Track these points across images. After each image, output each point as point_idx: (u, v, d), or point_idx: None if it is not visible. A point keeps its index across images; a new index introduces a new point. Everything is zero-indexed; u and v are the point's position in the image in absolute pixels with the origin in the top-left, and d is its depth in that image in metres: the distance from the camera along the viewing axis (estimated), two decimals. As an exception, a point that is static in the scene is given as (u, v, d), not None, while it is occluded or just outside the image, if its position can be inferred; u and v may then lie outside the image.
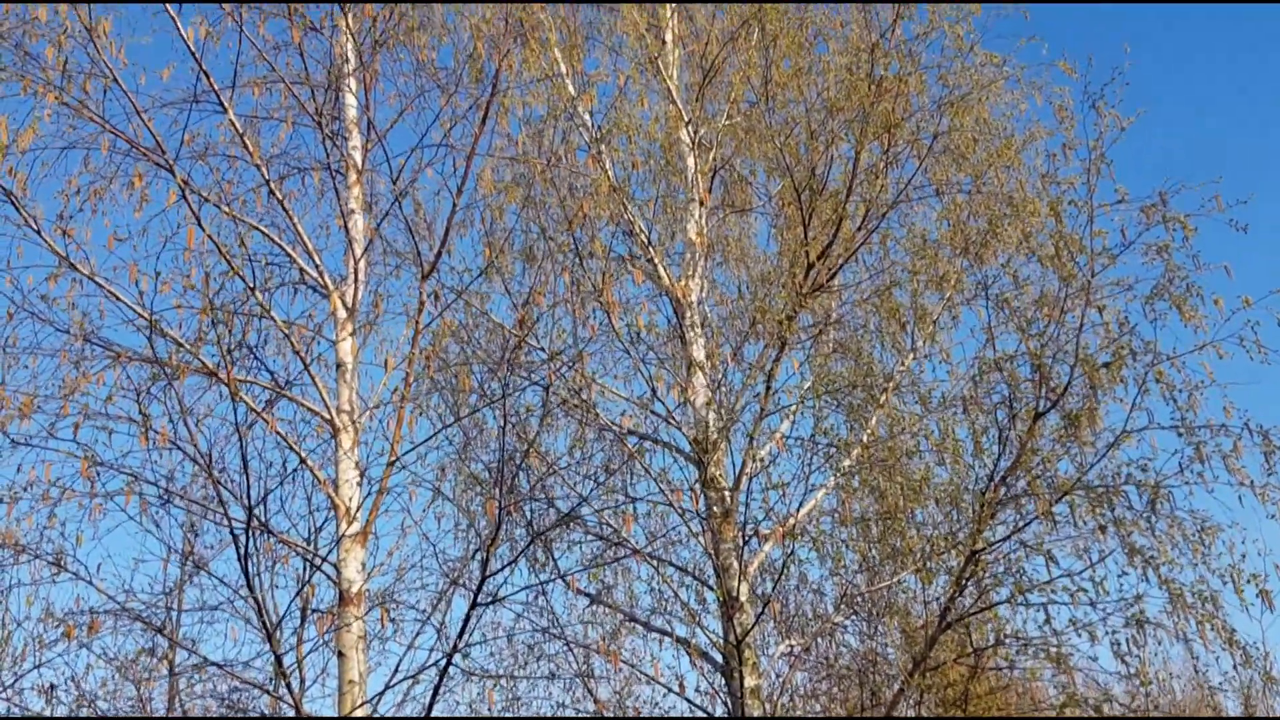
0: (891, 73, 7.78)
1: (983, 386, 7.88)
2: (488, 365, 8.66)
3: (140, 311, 6.90)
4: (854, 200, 7.87)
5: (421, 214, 9.40)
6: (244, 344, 7.31)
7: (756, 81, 8.52)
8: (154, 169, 7.63)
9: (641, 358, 8.26)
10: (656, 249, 8.53)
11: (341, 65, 8.39)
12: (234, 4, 7.69)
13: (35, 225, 6.90)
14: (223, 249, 7.31)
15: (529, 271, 9.68)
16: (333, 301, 7.84)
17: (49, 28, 7.22)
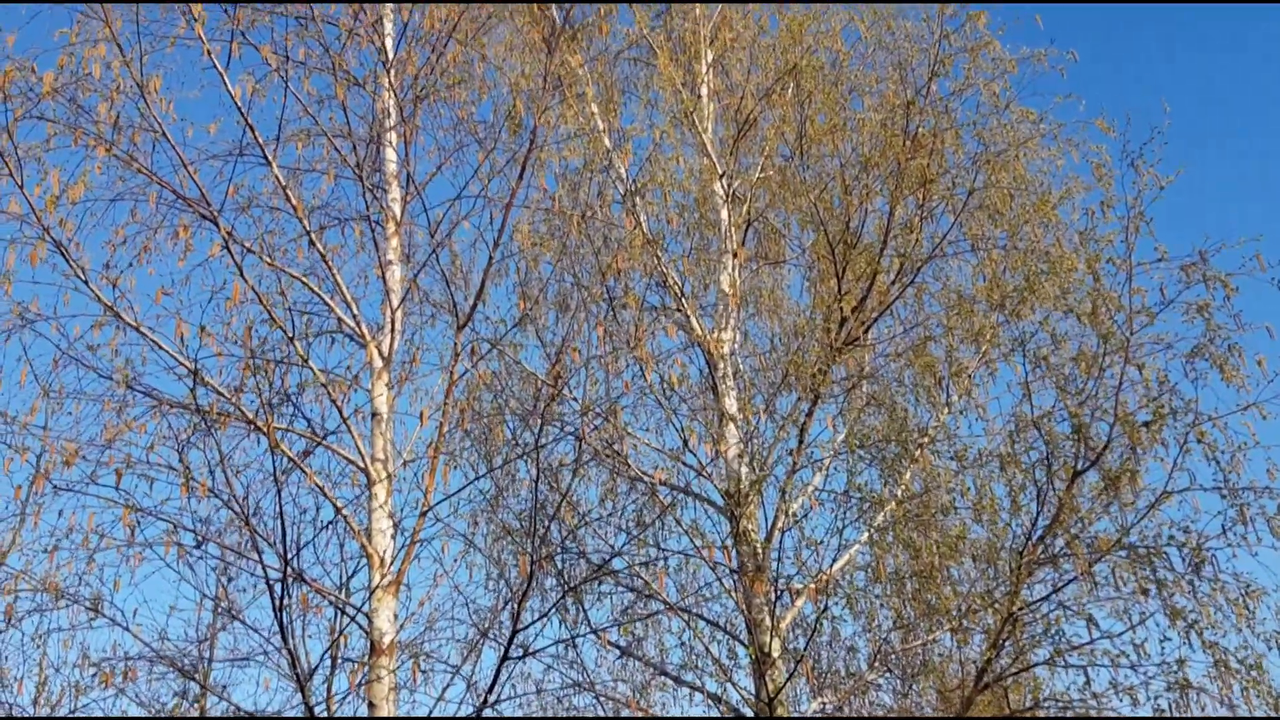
0: (926, 128, 7.81)
1: (1020, 443, 7.79)
2: (520, 415, 8.70)
3: (183, 361, 7.01)
4: (888, 254, 7.87)
5: (458, 264, 9.53)
6: (283, 393, 7.41)
7: (791, 136, 8.59)
8: (198, 219, 7.81)
9: (674, 409, 8.27)
10: (690, 301, 8.57)
11: (383, 120, 8.56)
12: (281, 61, 7.91)
13: (83, 275, 7.05)
14: (263, 299, 7.44)
15: (561, 320, 9.76)
16: (369, 352, 7.92)
17: (102, 84, 7.44)
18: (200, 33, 7.49)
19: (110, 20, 7.29)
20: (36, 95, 7.34)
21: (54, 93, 7.38)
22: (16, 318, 7.37)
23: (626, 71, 10.30)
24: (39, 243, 7.03)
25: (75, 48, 7.80)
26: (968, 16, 7.87)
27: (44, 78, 7.08)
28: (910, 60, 8.13)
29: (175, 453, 6.86)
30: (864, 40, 8.68)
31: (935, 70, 7.87)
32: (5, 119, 7.12)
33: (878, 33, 8.68)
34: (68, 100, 7.64)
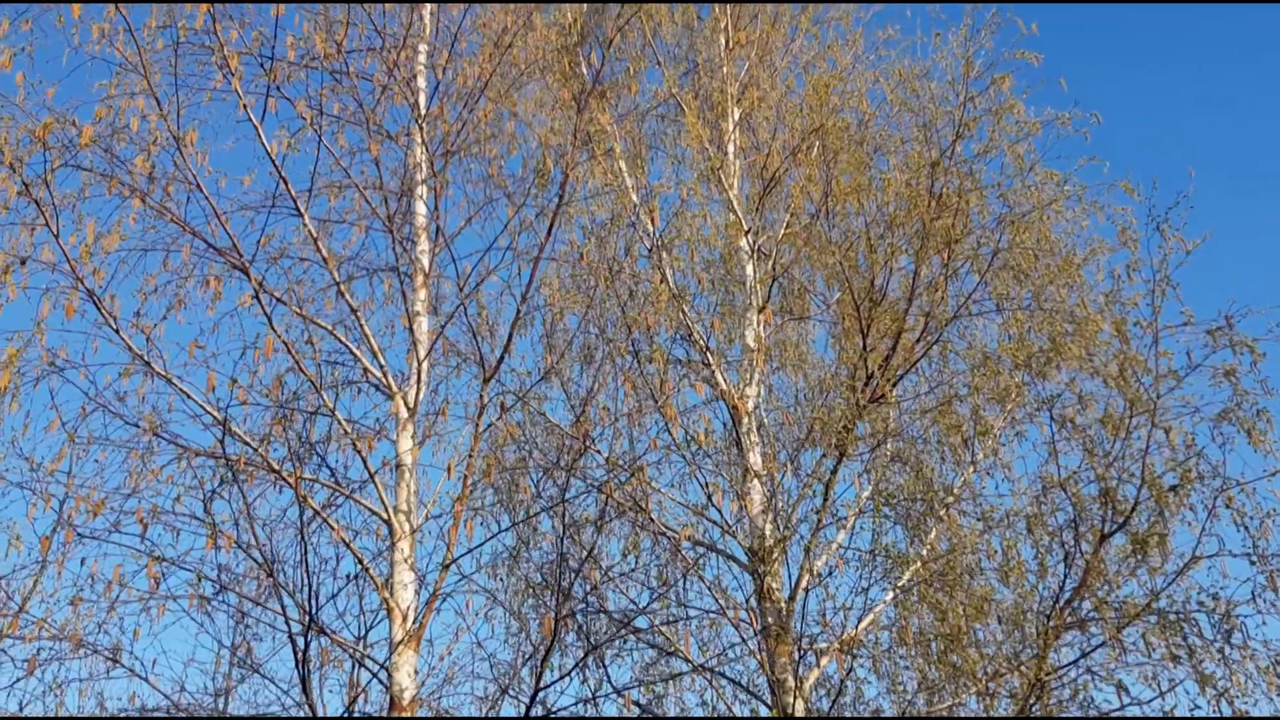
0: (951, 189, 7.86)
1: (1046, 504, 7.74)
2: (544, 468, 8.69)
3: (211, 411, 7.06)
4: (913, 312, 7.89)
5: (484, 316, 9.58)
6: (308, 442, 7.44)
7: (816, 194, 8.66)
8: (229, 269, 7.90)
9: (698, 464, 8.25)
10: (715, 355, 8.59)
11: (414, 173, 8.67)
12: (315, 114, 8.06)
13: (114, 324, 7.12)
14: (291, 348, 7.50)
15: (586, 372, 9.78)
16: (395, 403, 7.96)
17: (138, 136, 7.57)
18: (237, 87, 7.64)
19: (149, 73, 7.45)
20: (74, 145, 7.48)
21: (91, 143, 7.51)
22: (46, 364, 7.44)
23: (654, 128, 10.46)
24: (72, 292, 7.12)
25: (114, 100, 7.95)
26: (992, 80, 7.98)
27: (83, 130, 7.21)
28: (935, 121, 8.22)
29: (201, 503, 6.87)
30: (889, 101, 8.79)
31: (960, 132, 7.94)
32: (43, 168, 7.26)
33: (902, 94, 8.78)
34: (104, 151, 7.78)
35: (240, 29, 8.00)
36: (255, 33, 8.08)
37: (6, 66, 7.06)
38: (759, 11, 10.30)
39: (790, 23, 10.45)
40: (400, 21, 9.03)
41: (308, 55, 8.40)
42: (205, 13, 7.53)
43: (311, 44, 8.45)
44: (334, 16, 8.69)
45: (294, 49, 8.19)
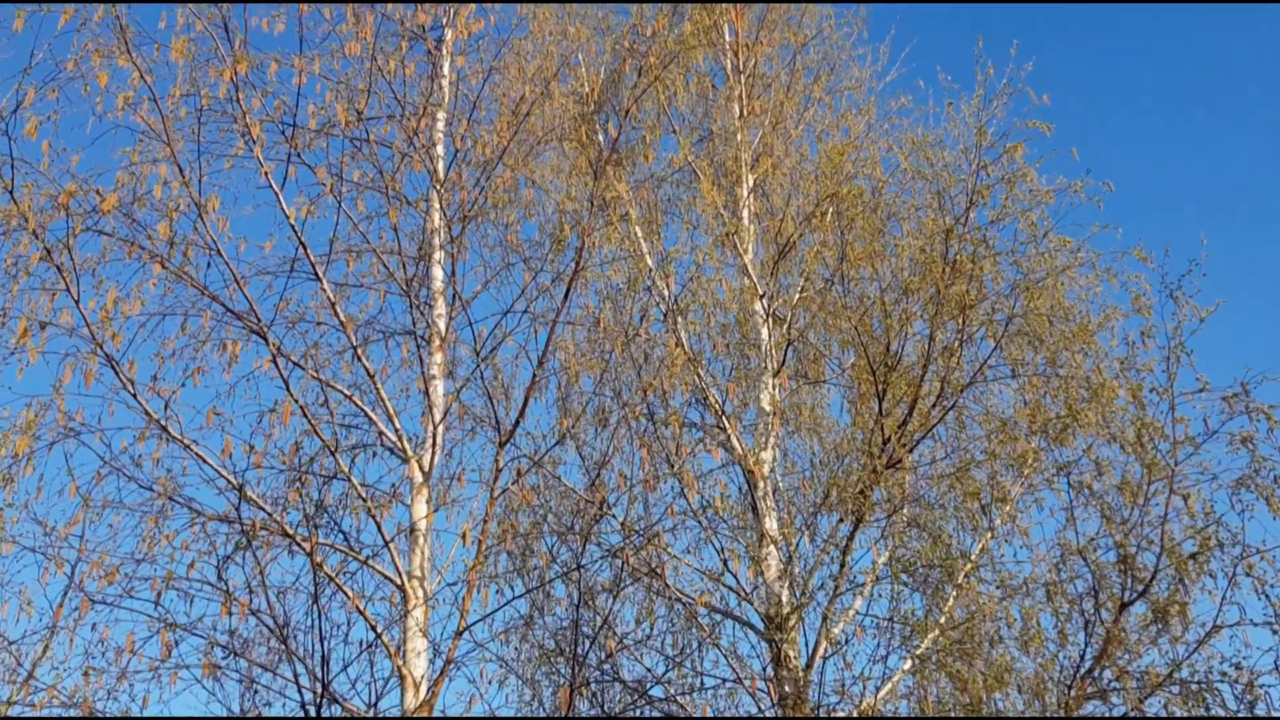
0: (965, 254, 7.92)
1: (1065, 571, 7.66)
2: (559, 532, 8.64)
3: (227, 476, 7.06)
4: (929, 377, 7.89)
5: (499, 379, 9.60)
6: (322, 507, 7.42)
7: (831, 259, 8.72)
8: (247, 333, 7.95)
9: (713, 528, 8.19)
10: (730, 419, 8.58)
11: (432, 238, 8.76)
12: (335, 181, 8.17)
13: (132, 389, 7.15)
14: (307, 411, 7.51)
15: (600, 435, 9.75)
16: (410, 467, 7.95)
17: (161, 202, 7.67)
18: (259, 154, 7.76)
19: (172, 141, 7.57)
20: (96, 211, 7.57)
21: (113, 210, 7.61)
22: (62, 428, 7.46)
23: (669, 194, 10.58)
24: (90, 356, 7.16)
25: (136, 167, 8.07)
26: (1005, 148, 8.07)
27: (107, 197, 7.31)
28: (948, 189, 8.31)
29: (214, 568, 6.84)
30: (903, 169, 8.90)
31: (973, 199, 8.02)
32: (65, 233, 7.35)
33: (916, 162, 8.88)
34: (125, 216, 7.87)
35: (262, 98, 8.15)
36: (277, 101, 8.24)
37: (33, 135, 7.18)
38: (773, 81, 10.48)
39: (804, 92, 10.62)
40: (420, 90, 9.21)
41: (329, 123, 8.54)
42: (229, 81, 7.68)
43: (332, 111, 8.60)
44: (355, 85, 8.85)
45: (315, 117, 8.33)
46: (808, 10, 10.86)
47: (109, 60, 7.70)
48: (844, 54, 11.01)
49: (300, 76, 8.09)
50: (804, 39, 10.68)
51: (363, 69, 8.77)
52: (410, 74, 9.05)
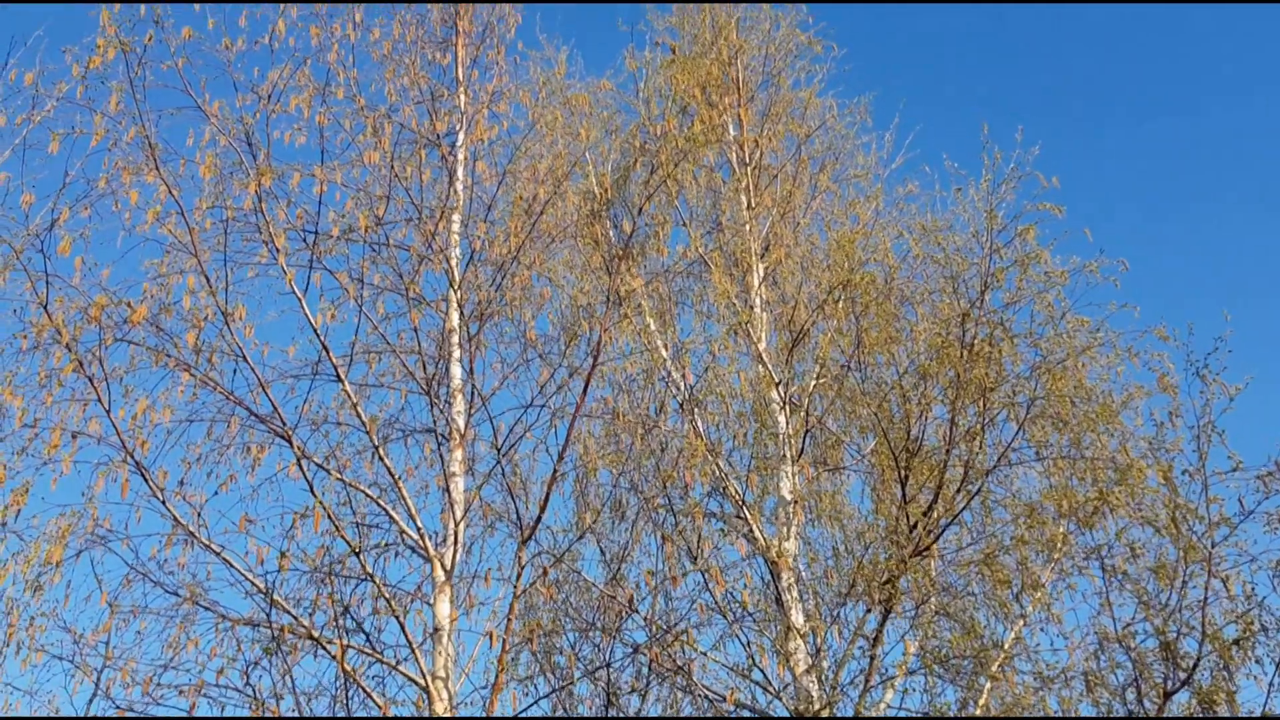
0: (982, 337, 7.95)
1: (1104, 659, 7.49)
2: (582, 630, 8.54)
3: (253, 580, 7.06)
4: (951, 462, 7.85)
5: (518, 473, 9.60)
6: (347, 610, 7.39)
7: (846, 345, 8.78)
8: (271, 436, 8.02)
9: (739, 621, 8.08)
10: (751, 509, 8.54)
11: (449, 337, 8.88)
12: (356, 285, 8.34)
13: (161, 496, 7.20)
14: (331, 513, 7.53)
15: (617, 527, 9.70)
16: (433, 566, 7.92)
17: (189, 312, 7.82)
18: (282, 263, 7.93)
19: (199, 251, 7.76)
20: (125, 322, 7.72)
21: (143, 320, 7.75)
22: (90, 535, 7.50)
23: (680, 284, 10.71)
24: (121, 465, 7.24)
25: (163, 277, 8.25)
26: (1017, 231, 8.16)
27: (137, 309, 7.46)
28: (962, 273, 8.39)
29: (240, 673, 6.80)
30: (914, 254, 9.00)
31: (988, 282, 8.09)
32: (94, 344, 7.49)
33: (927, 247, 8.99)
34: (153, 326, 8.02)
35: (286, 207, 8.38)
36: (300, 210, 8.44)
37: (66, 252, 7.37)
38: (779, 172, 10.69)
39: (810, 181, 10.83)
40: (436, 194, 9.44)
41: (349, 229, 8.74)
42: (254, 194, 7.90)
43: (353, 218, 8.81)
44: (374, 192, 9.08)
45: (336, 224, 8.53)
46: (811, 102, 11.13)
47: (138, 177, 7.94)
48: (848, 143, 11.25)
49: (321, 185, 8.32)
50: (808, 130, 10.93)
51: (381, 176, 9.01)
52: (426, 179, 9.29)
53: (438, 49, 10.48)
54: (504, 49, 10.48)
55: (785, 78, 11.42)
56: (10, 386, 7.49)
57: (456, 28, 10.67)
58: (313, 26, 9.18)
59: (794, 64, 11.56)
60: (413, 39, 10.31)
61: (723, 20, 11.34)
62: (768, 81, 11.42)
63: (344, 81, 9.19)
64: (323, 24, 9.29)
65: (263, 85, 8.47)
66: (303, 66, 8.83)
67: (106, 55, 7.97)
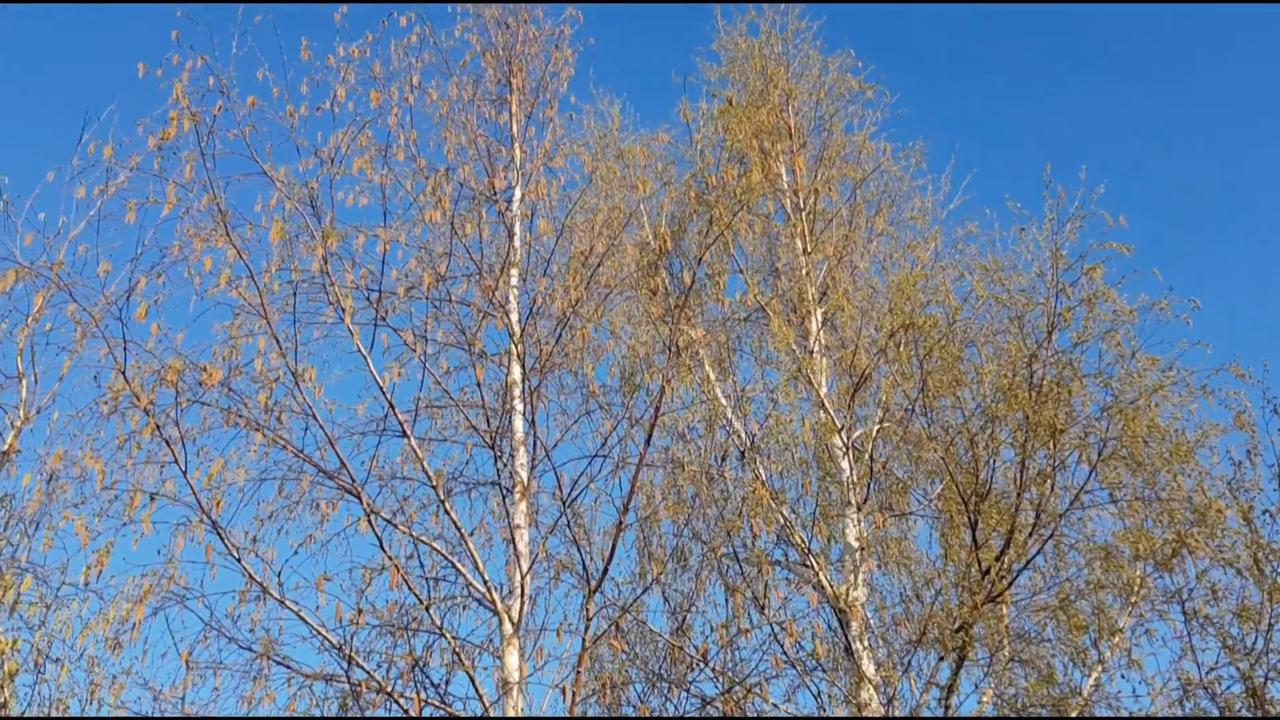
0: (1050, 377, 7.85)
1: (1188, 705, 7.26)
2: (651, 681, 8.49)
3: (327, 635, 7.14)
4: (1023, 506, 7.72)
5: (580, 523, 9.62)
6: (419, 665, 7.44)
7: (909, 389, 8.71)
8: (340, 493, 8.14)
9: (808, 671, 7.98)
10: (818, 559, 8.45)
11: (511, 390, 8.97)
12: (421, 340, 8.48)
13: (236, 554, 7.33)
14: (399, 568, 7.60)
15: (680, 575, 9.65)
16: (501, 619, 7.94)
17: (260, 373, 8.00)
18: (348, 322, 8.10)
19: (268, 313, 7.95)
20: (200, 384, 7.92)
21: (216, 383, 7.95)
22: (167, 593, 7.64)
23: (737, 330, 10.73)
24: (197, 524, 7.39)
25: (234, 339, 8.45)
26: (1083, 270, 8.07)
27: (212, 371, 7.65)
28: (1027, 313, 8.31)
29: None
30: (976, 295, 8.92)
31: (1054, 322, 8.00)
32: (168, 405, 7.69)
33: (989, 287, 8.91)
34: (224, 386, 8.21)
35: (350, 267, 8.57)
36: (364, 270, 8.63)
37: (142, 318, 7.59)
38: (834, 217, 10.72)
39: (866, 225, 10.83)
40: (496, 249, 9.60)
41: (411, 286, 8.91)
42: (320, 257, 8.10)
43: (415, 275, 8.98)
44: (435, 250, 9.26)
45: (400, 282, 8.70)
46: (865, 146, 11.17)
47: (209, 243, 8.18)
48: (904, 185, 11.24)
49: (384, 245, 8.50)
50: (862, 175, 10.95)
51: (442, 234, 9.19)
52: (486, 235, 9.45)
53: (492, 107, 10.70)
54: (557, 104, 10.68)
55: (838, 122, 11.49)
56: (91, 450, 7.71)
57: (510, 85, 10.89)
58: (372, 91, 9.42)
59: (846, 109, 11.63)
60: (469, 98, 10.53)
61: (773, 69, 11.46)
62: (820, 127, 11.50)
63: (404, 143, 9.41)
64: (381, 87, 9.53)
65: (325, 149, 8.71)
66: (364, 130, 9.07)
67: (181, 126, 8.27)
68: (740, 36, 12.19)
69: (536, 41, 10.89)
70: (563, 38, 10.78)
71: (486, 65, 10.77)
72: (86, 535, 7.33)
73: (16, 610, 8.05)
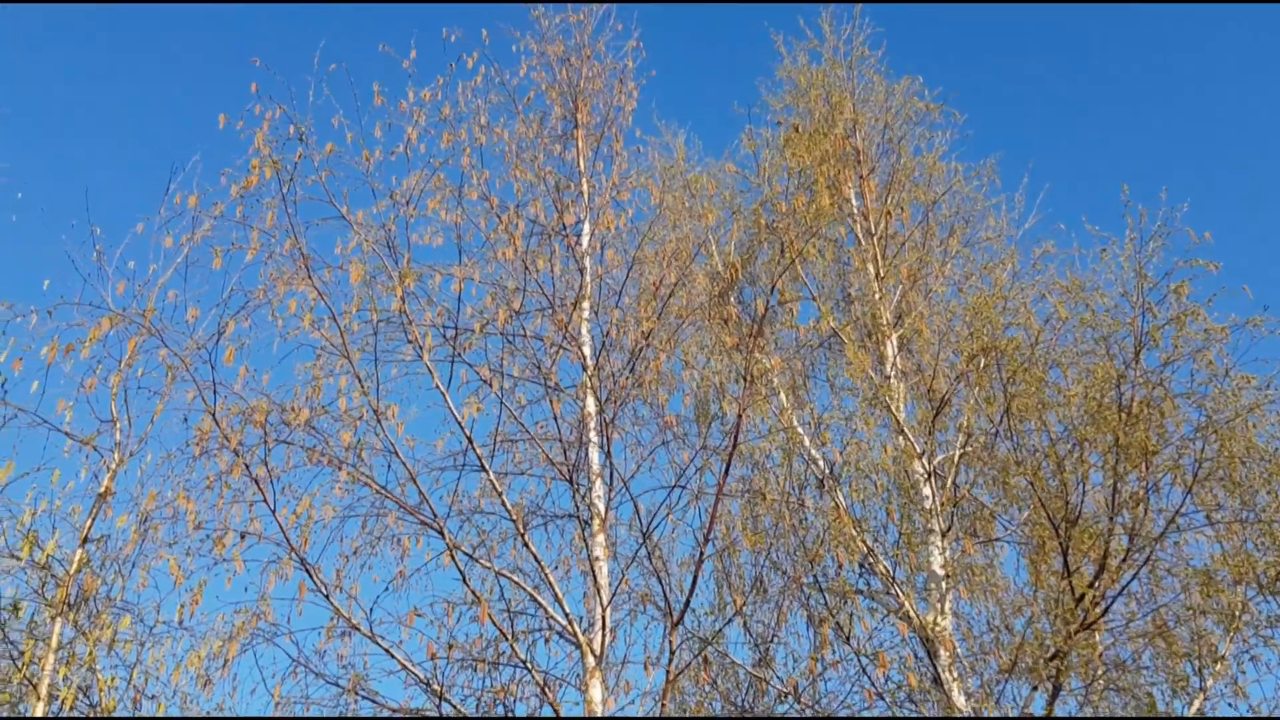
0: (1139, 398, 7.65)
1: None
2: (732, 713, 8.40)
3: (414, 670, 7.20)
4: (1115, 530, 7.51)
5: (658, 554, 9.60)
6: (505, 699, 7.47)
7: (992, 413, 8.55)
8: (421, 528, 8.24)
9: (898, 704, 7.83)
10: (904, 588, 8.30)
11: (587, 422, 9.02)
12: (497, 376, 8.57)
13: (325, 590, 7.45)
14: (483, 602, 7.65)
15: (760, 606, 9.55)
16: (583, 651, 7.94)
17: (345, 412, 8.16)
18: (426, 360, 8.23)
19: (349, 353, 8.12)
20: (285, 425, 8.09)
21: (301, 423, 8.12)
22: (255, 630, 7.78)
23: (811, 358, 10.65)
24: (286, 562, 7.53)
25: (316, 380, 8.63)
26: (1169, 288, 7.88)
27: (299, 412, 7.82)
28: (1113, 333, 8.12)
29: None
30: (1058, 316, 8.75)
31: (1142, 342, 7.81)
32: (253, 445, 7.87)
33: (1071, 308, 8.73)
34: (308, 426, 8.38)
35: (428, 305, 8.72)
36: (440, 307, 8.78)
37: (229, 361, 7.80)
38: (906, 239, 10.62)
39: (940, 247, 10.71)
40: (567, 283, 9.69)
41: (486, 322, 9.04)
42: (399, 297, 8.26)
43: (489, 311, 9.11)
44: (507, 285, 9.38)
45: (475, 319, 8.83)
46: (935, 168, 11.06)
47: (291, 286, 8.39)
48: (977, 205, 11.10)
49: (459, 283, 8.64)
50: (934, 196, 10.84)
51: (514, 270, 9.31)
52: (557, 270, 9.55)
53: (559, 143, 10.84)
54: (622, 138, 10.79)
55: (906, 145, 11.41)
56: (183, 491, 7.91)
57: (576, 120, 11.03)
58: (444, 133, 9.61)
59: (913, 131, 11.56)
60: (535, 135, 10.69)
61: (837, 96, 11.45)
62: (887, 150, 11.43)
63: (475, 182, 9.57)
64: (451, 129, 9.72)
65: (399, 191, 8.90)
66: (437, 172, 9.25)
67: (263, 174, 8.52)
68: (804, 66, 12.21)
69: (600, 77, 11.03)
70: (626, 71, 10.92)
71: (552, 101, 10.94)
72: (180, 574, 7.51)
73: (114, 649, 8.27)
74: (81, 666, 7.91)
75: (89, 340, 7.93)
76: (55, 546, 8.03)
